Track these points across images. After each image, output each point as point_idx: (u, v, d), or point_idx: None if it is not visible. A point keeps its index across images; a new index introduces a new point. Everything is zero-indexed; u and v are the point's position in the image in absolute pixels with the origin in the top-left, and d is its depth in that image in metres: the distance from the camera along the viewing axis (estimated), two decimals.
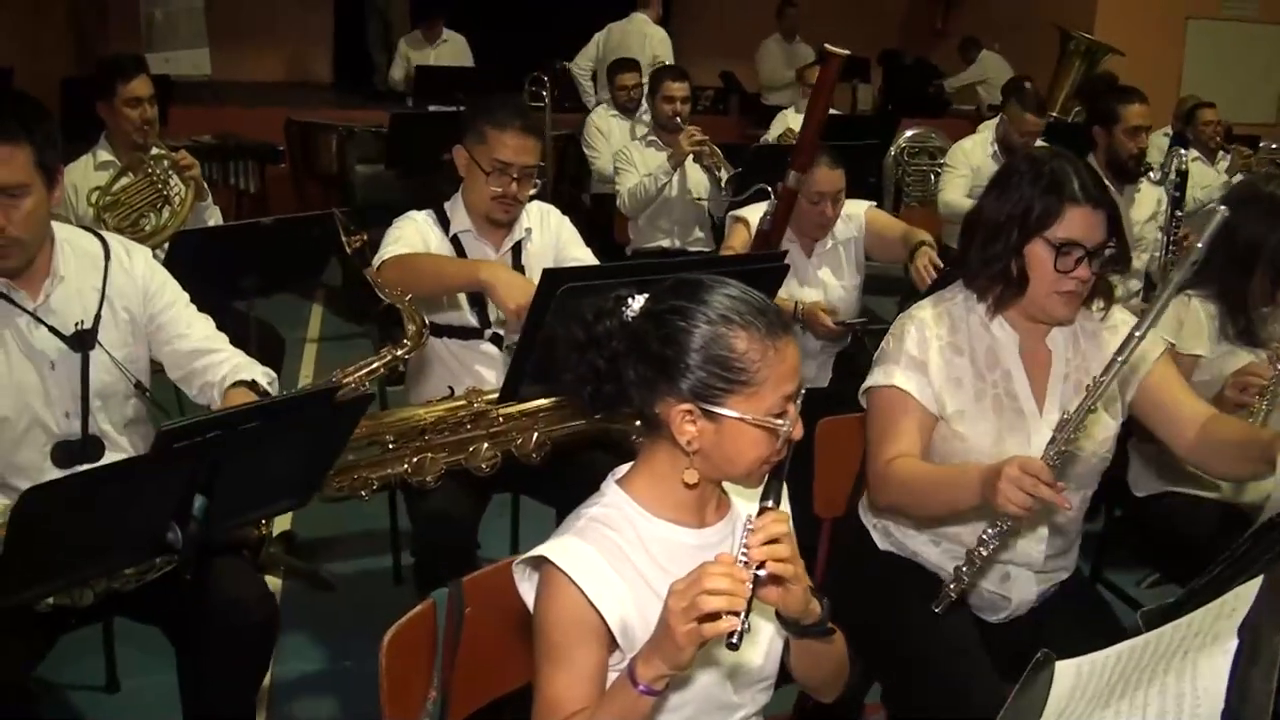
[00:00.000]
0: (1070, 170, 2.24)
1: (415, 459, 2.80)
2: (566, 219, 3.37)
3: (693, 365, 1.59)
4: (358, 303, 5.99)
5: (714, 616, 1.40)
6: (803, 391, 1.65)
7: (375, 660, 1.73)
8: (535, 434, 2.87)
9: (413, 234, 3.08)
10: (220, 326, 2.69)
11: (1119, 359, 2.01)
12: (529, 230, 3.23)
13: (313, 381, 5.59)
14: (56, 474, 2.38)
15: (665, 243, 5.63)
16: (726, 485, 1.77)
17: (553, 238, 3.30)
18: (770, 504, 1.59)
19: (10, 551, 1.79)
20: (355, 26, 10.71)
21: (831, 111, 6.64)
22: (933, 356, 2.32)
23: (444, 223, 3.17)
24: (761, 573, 1.48)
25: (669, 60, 7.63)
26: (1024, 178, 2.26)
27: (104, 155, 4.14)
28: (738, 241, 3.89)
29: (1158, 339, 2.46)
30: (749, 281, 1.70)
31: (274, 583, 3.73)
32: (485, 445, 2.85)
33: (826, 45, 3.48)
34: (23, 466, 2.41)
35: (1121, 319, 2.41)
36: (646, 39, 8.06)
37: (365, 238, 2.64)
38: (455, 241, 3.16)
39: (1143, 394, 2.37)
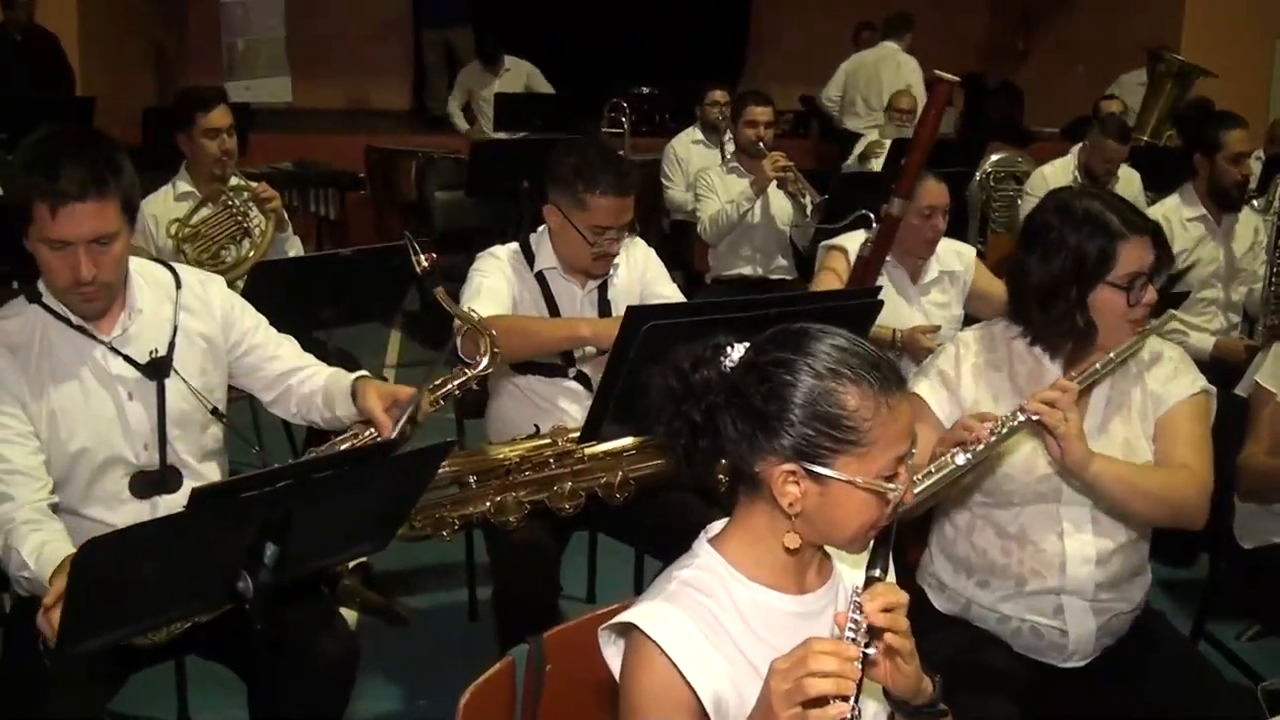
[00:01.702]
0: (1102, 205, 2.22)
1: (498, 498, 2.76)
2: (653, 253, 3.30)
3: (797, 422, 1.47)
4: (436, 329, 5.97)
5: (820, 699, 1.30)
6: (914, 452, 1.54)
7: (450, 702, 1.70)
8: (620, 473, 2.81)
9: (497, 281, 3.02)
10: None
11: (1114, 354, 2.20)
12: (616, 265, 3.16)
13: None
14: (135, 504, 2.39)
15: (747, 270, 5.52)
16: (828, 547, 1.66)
17: (639, 272, 3.24)
18: (878, 573, 1.48)
19: (73, 602, 1.73)
20: None
21: (902, 136, 6.57)
22: (965, 375, 2.34)
23: (529, 257, 3.11)
24: (871, 651, 1.37)
25: (920, 89, 7.63)
26: (1063, 229, 2.22)
27: (184, 186, 4.14)
28: (838, 268, 3.78)
29: (1195, 382, 2.38)
30: (841, 318, 1.60)
31: (350, 616, 3.68)
32: (569, 485, 2.80)
33: (936, 70, 3.39)
34: (101, 497, 2.39)
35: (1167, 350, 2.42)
36: (899, 67, 7.99)
37: (435, 258, 2.58)
38: (540, 279, 3.10)
39: (1156, 430, 2.35)
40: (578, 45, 10.35)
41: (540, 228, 3.14)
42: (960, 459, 2.07)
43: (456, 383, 2.59)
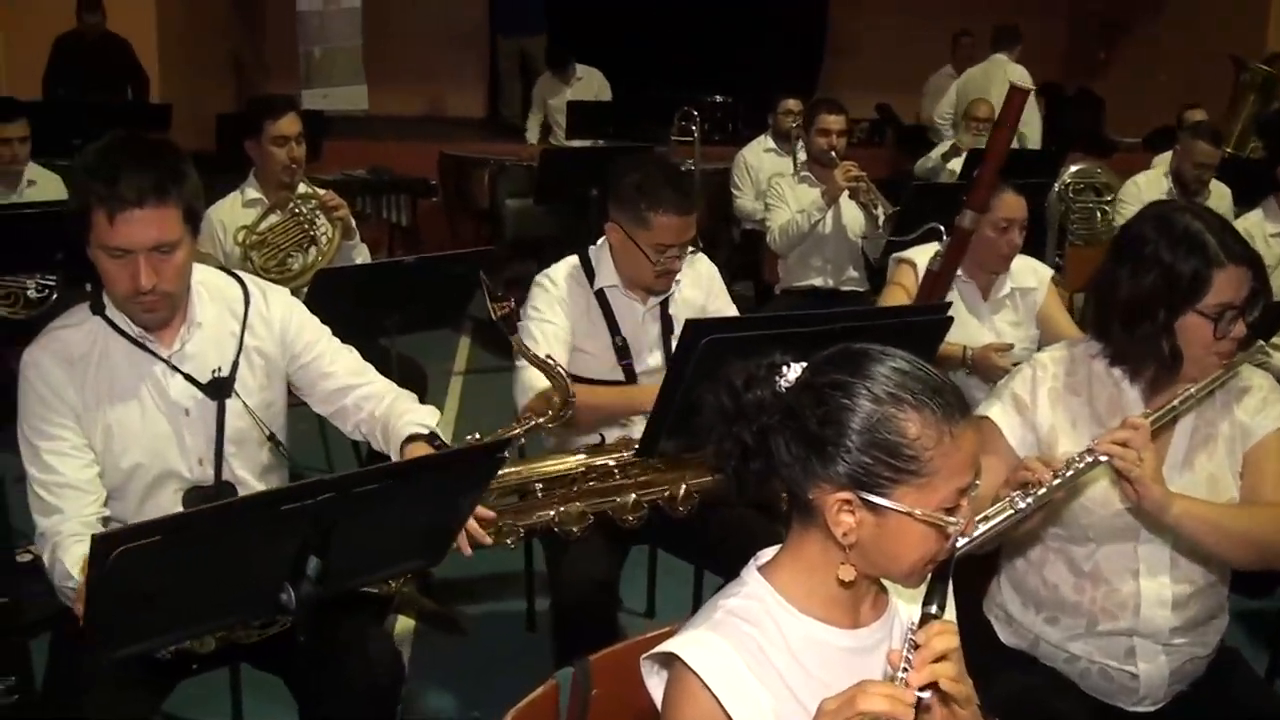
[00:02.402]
0: (1203, 226, 2.08)
1: (562, 507, 2.73)
2: (716, 271, 3.26)
3: (854, 449, 1.40)
4: (506, 338, 5.95)
5: None
6: (978, 484, 1.46)
7: (502, 712, 1.67)
8: (683, 486, 2.77)
9: (553, 319, 3.00)
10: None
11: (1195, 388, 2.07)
12: (678, 281, 3.11)
13: (457, 417, 5.61)
14: None
15: (817, 281, 5.42)
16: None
17: (703, 289, 3.20)
18: (934, 610, 1.40)
19: (105, 608, 1.71)
20: None
21: (979, 146, 6.44)
22: (1041, 400, 2.22)
23: (589, 273, 3.08)
24: (925, 695, 1.30)
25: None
26: (1159, 244, 2.09)
27: (252, 193, 4.15)
28: (907, 283, 3.69)
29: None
30: (909, 335, 1.52)
31: (406, 623, 3.67)
32: (632, 497, 2.76)
33: (1011, 80, 3.29)
34: (154, 511, 2.36)
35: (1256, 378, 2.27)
36: (999, 76, 7.90)
37: (511, 304, 2.56)
38: (600, 296, 3.07)
39: (1244, 464, 2.21)
40: (652, 53, 10.34)
41: (600, 240, 3.11)
42: (1021, 503, 1.96)
43: (523, 429, 2.63)
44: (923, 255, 3.68)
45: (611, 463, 2.78)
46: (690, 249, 3.06)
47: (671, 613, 3.61)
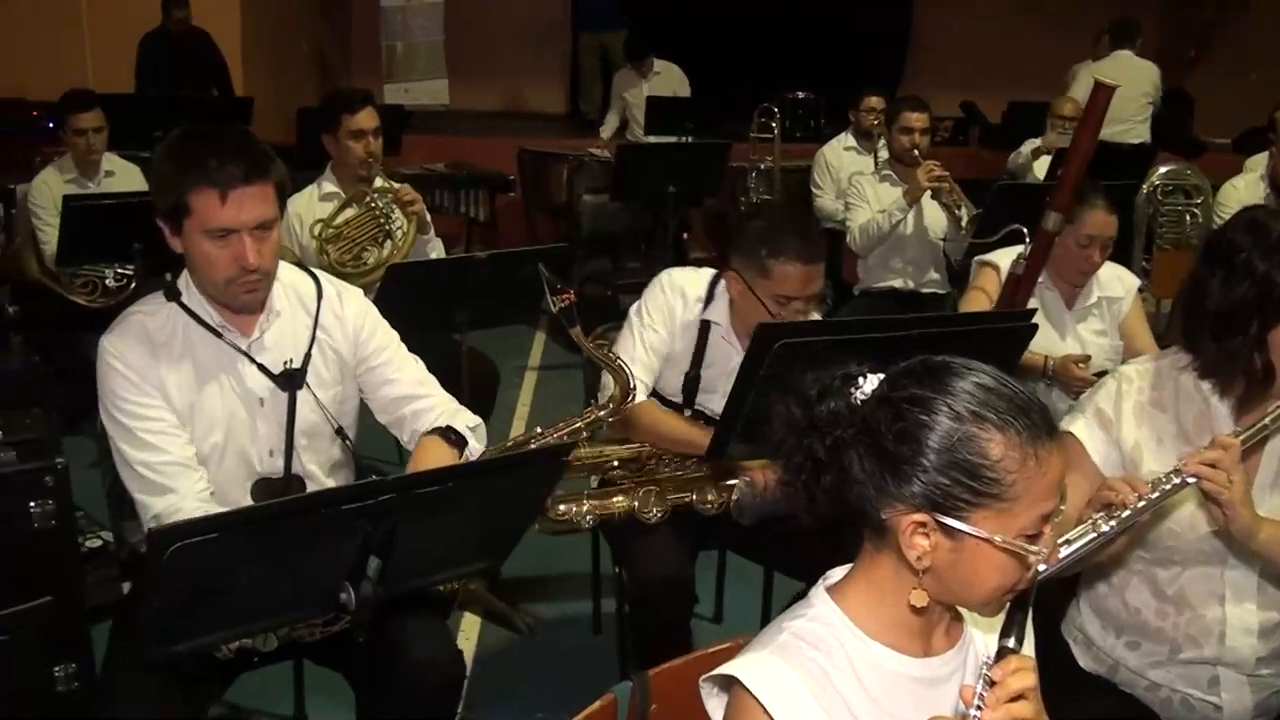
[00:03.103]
0: None
1: (641, 493, 2.71)
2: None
3: (931, 469, 1.33)
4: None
5: None
6: (1063, 509, 1.38)
7: (563, 714, 1.64)
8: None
9: (659, 334, 2.92)
10: (432, 357, 2.63)
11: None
12: None
13: (530, 411, 5.60)
14: None
15: (897, 283, 5.32)
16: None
17: None
18: (1012, 643, 1.33)
19: (164, 604, 1.71)
20: None
21: (1066, 145, 6.27)
22: (1125, 414, 2.12)
23: (709, 298, 2.96)
24: None
25: (1156, 97, 7.42)
26: (1252, 253, 1.98)
27: (329, 187, 4.16)
28: (989, 287, 3.58)
29: None
30: (990, 342, 1.44)
31: (472, 621, 3.67)
32: (711, 488, 2.74)
33: (1097, 76, 3.17)
34: (223, 501, 2.38)
35: None
36: (1138, 74, 7.78)
37: (572, 297, 2.52)
38: (703, 327, 2.95)
39: None
40: (733, 49, 10.27)
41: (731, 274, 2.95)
42: (1104, 527, 1.88)
43: (584, 423, 2.61)
44: (1006, 258, 3.57)
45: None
46: (819, 304, 2.90)
47: (740, 618, 3.57)
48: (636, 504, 2.71)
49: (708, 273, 3.00)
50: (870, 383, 1.41)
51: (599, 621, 3.64)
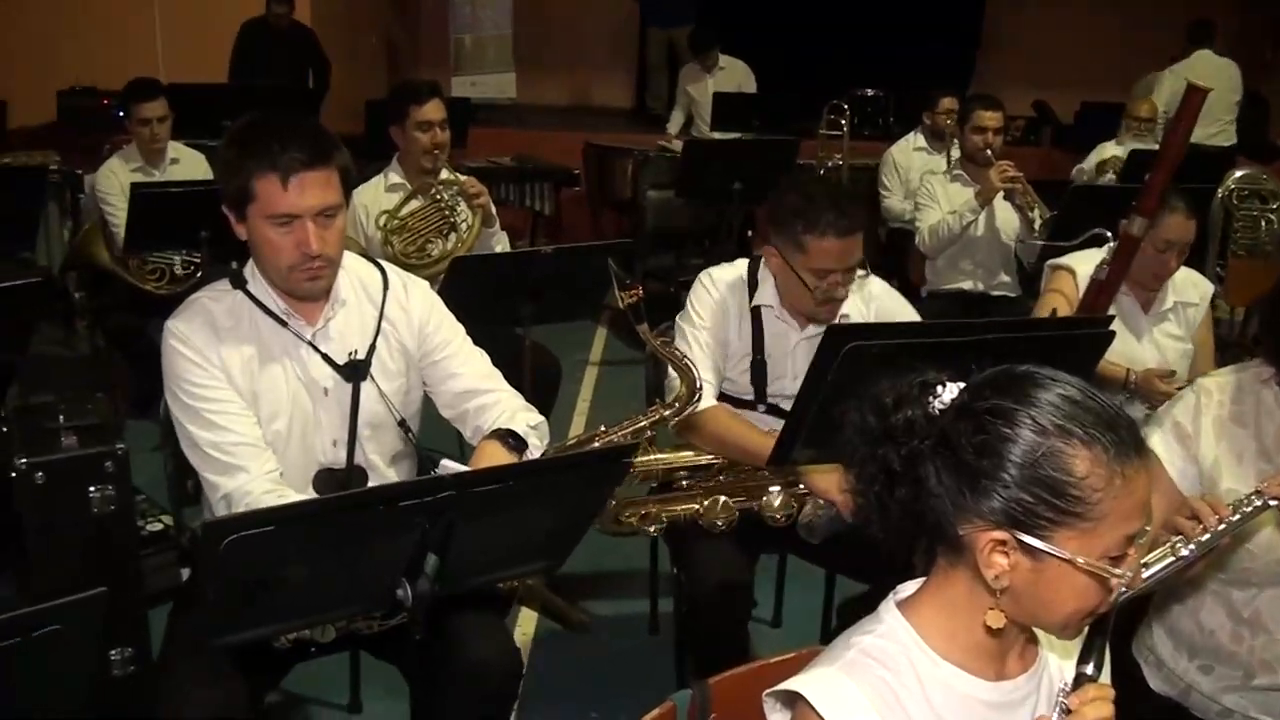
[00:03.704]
0: None
1: (707, 500, 2.69)
2: (893, 290, 3.06)
3: (1013, 484, 1.26)
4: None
5: None
6: (1147, 529, 1.31)
7: (620, 714, 1.55)
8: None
9: (711, 331, 2.90)
10: (495, 351, 2.61)
11: None
12: (845, 316, 2.94)
13: (590, 407, 5.58)
14: None
15: (967, 285, 5.23)
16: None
17: (874, 314, 3.00)
18: (1090, 670, 1.27)
19: (220, 595, 1.70)
20: None
21: (1141, 146, 6.13)
22: (1204, 429, 2.05)
23: (752, 285, 2.94)
24: None
25: (1238, 94, 7.33)
26: None
27: (395, 178, 4.16)
28: (1067, 290, 3.49)
29: None
30: (1067, 349, 1.38)
31: (528, 617, 3.66)
32: (780, 495, 2.70)
33: (1189, 79, 3.07)
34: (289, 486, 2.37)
35: None
36: (1220, 72, 7.65)
37: (640, 293, 2.49)
38: (755, 314, 2.93)
39: None
40: (801, 46, 10.18)
41: (769, 251, 2.95)
42: (1184, 550, 1.81)
43: (649, 422, 2.60)
44: (1082, 262, 3.48)
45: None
46: (860, 272, 2.87)
47: (799, 622, 3.52)
48: (702, 512, 2.68)
49: (742, 263, 3.00)
50: (950, 391, 1.35)
51: (656, 622, 3.61)
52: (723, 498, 2.68)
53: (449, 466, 2.18)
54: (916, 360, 1.42)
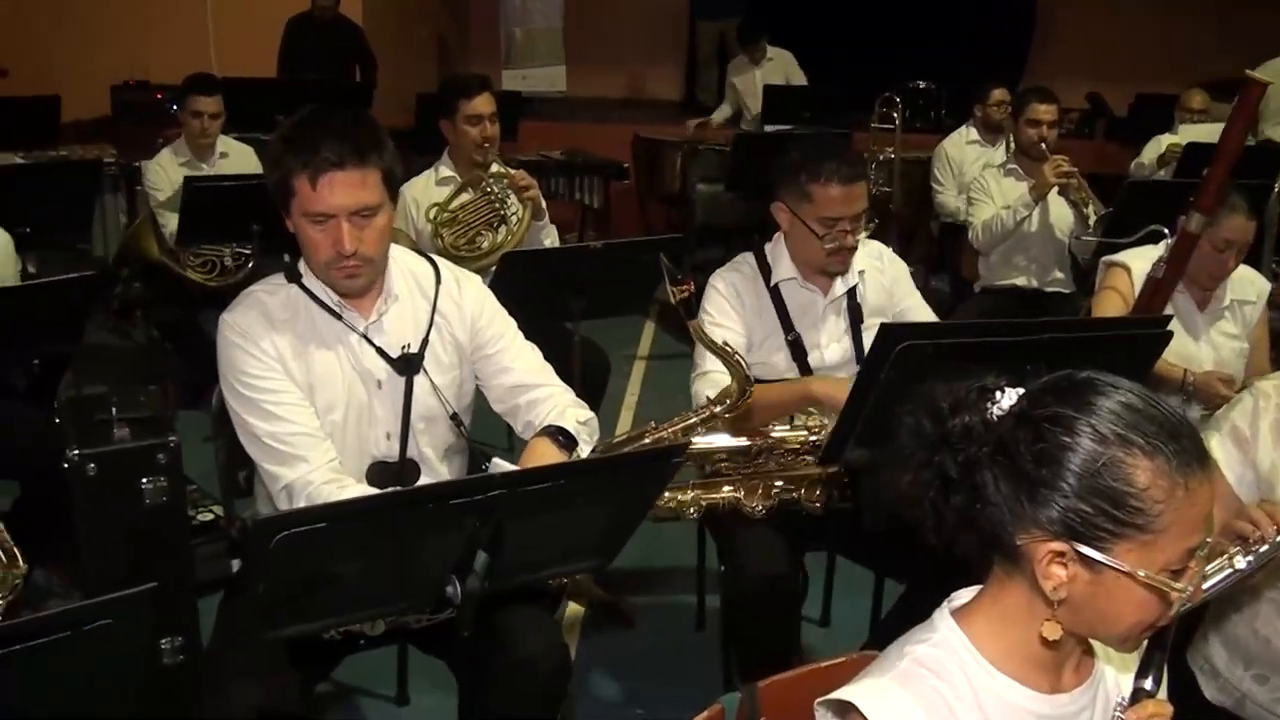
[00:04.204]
0: None
1: (748, 485, 2.68)
2: (901, 262, 3.12)
3: (1072, 494, 1.23)
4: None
5: None
6: (1208, 542, 1.27)
7: (667, 712, 1.54)
8: None
9: (725, 326, 2.90)
10: (544, 345, 2.61)
11: None
12: (862, 273, 2.99)
13: (638, 402, 5.57)
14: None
15: (1020, 281, 5.15)
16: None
17: (889, 281, 3.06)
18: (1149, 684, 1.24)
19: (272, 588, 1.70)
20: None
21: (1194, 140, 6.00)
22: (1263, 433, 2.01)
23: (765, 269, 2.98)
24: None
25: None
26: None
27: (445, 171, 4.17)
28: (1122, 288, 3.43)
29: None
30: (1123, 349, 1.35)
31: (575, 610, 3.66)
32: (820, 484, 2.69)
33: (1248, 71, 3.00)
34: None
35: None
36: None
37: (692, 288, 2.48)
38: (775, 292, 2.96)
39: None
40: (853, 38, 10.11)
41: (776, 235, 3.01)
42: (1241, 562, 1.76)
43: (699, 419, 2.59)
44: (1138, 259, 3.41)
45: (801, 443, 2.70)
46: (867, 224, 2.93)
47: (849, 621, 3.49)
48: (742, 495, 2.68)
49: (745, 254, 3.06)
50: (1008, 398, 1.32)
51: (703, 617, 3.60)
52: (763, 483, 2.68)
53: (499, 465, 2.18)
54: (970, 360, 1.40)
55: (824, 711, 1.38)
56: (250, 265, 4.80)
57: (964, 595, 1.41)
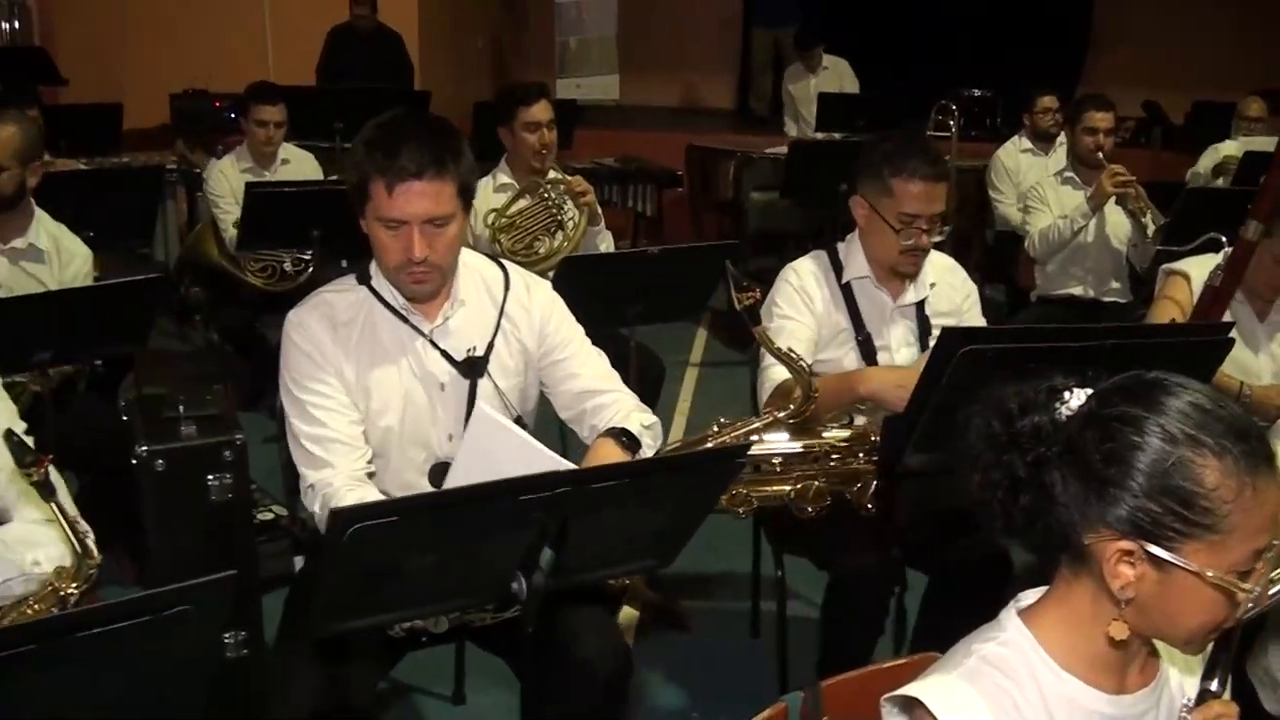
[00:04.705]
0: None
1: (800, 484, 2.66)
2: (973, 286, 3.12)
3: (1141, 493, 1.24)
4: (743, 330, 5.88)
5: None
6: (1275, 544, 1.27)
7: (720, 717, 1.55)
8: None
9: (798, 315, 2.91)
10: (601, 350, 2.63)
11: None
12: (933, 286, 2.99)
13: (690, 409, 5.58)
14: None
15: (1077, 291, 5.12)
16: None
17: (960, 298, 3.05)
18: (1215, 686, 1.25)
19: (336, 582, 1.73)
20: None
21: (1251, 149, 5.92)
22: None
23: (837, 267, 2.97)
24: None
25: None
26: None
27: (503, 178, 4.22)
28: (1179, 297, 3.40)
29: None
30: (1184, 357, 1.35)
31: (630, 614, 3.66)
32: (874, 483, 2.67)
33: None
34: (399, 481, 2.43)
35: None
36: None
37: (757, 294, 2.50)
38: (846, 290, 2.96)
39: None
40: (907, 46, 10.08)
41: (850, 235, 3.00)
42: None
43: (763, 424, 2.60)
44: (1197, 267, 3.36)
45: (856, 445, 2.70)
46: (942, 228, 2.91)
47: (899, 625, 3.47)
48: (793, 496, 2.67)
49: (819, 252, 3.05)
50: (1077, 398, 1.33)
51: (757, 624, 3.60)
52: (815, 482, 2.67)
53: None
54: (1032, 365, 1.40)
55: (890, 708, 1.39)
56: (310, 271, 4.86)
57: (1030, 596, 1.42)
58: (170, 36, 8.60)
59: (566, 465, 2.08)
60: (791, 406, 2.59)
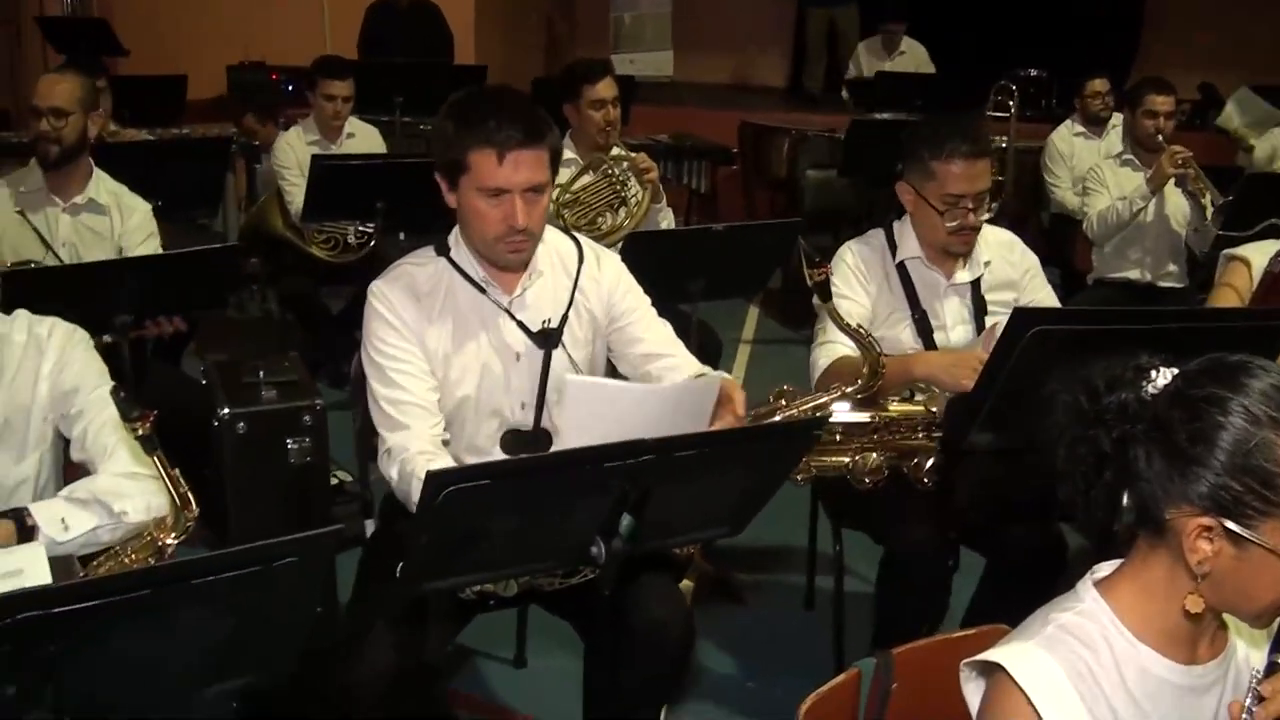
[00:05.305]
0: None
1: (859, 456, 2.70)
2: (1033, 255, 3.13)
3: (1223, 471, 1.29)
4: (795, 309, 5.91)
5: None
6: None
7: (774, 689, 1.60)
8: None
9: (852, 293, 2.94)
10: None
11: None
12: (988, 263, 3.01)
13: (744, 383, 5.59)
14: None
15: (1134, 274, 5.12)
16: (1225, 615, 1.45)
17: (1018, 273, 3.08)
18: None
19: (427, 542, 1.80)
20: None
21: None
22: None
23: (892, 246, 3.02)
24: None
25: None
26: None
27: (567, 154, 4.23)
28: (1238, 283, 3.40)
29: None
30: (1243, 342, 1.39)
31: (685, 585, 3.68)
32: (931, 459, 2.70)
33: None
34: (473, 447, 2.50)
35: None
36: None
37: (829, 272, 2.54)
38: (901, 269, 3.00)
39: None
40: (962, 26, 10.00)
41: (905, 216, 3.04)
42: None
43: (830, 399, 2.64)
44: (1259, 253, 3.35)
45: (917, 419, 2.72)
46: (990, 205, 2.97)
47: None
48: (851, 467, 2.70)
49: (875, 230, 3.08)
50: (1163, 376, 1.37)
51: (812, 597, 3.63)
52: (873, 454, 2.70)
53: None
54: (1099, 347, 1.45)
55: (969, 671, 1.45)
56: (372, 244, 4.93)
57: (1106, 568, 1.47)
58: (228, 8, 8.67)
59: (668, 387, 2.14)
60: (859, 381, 2.62)
